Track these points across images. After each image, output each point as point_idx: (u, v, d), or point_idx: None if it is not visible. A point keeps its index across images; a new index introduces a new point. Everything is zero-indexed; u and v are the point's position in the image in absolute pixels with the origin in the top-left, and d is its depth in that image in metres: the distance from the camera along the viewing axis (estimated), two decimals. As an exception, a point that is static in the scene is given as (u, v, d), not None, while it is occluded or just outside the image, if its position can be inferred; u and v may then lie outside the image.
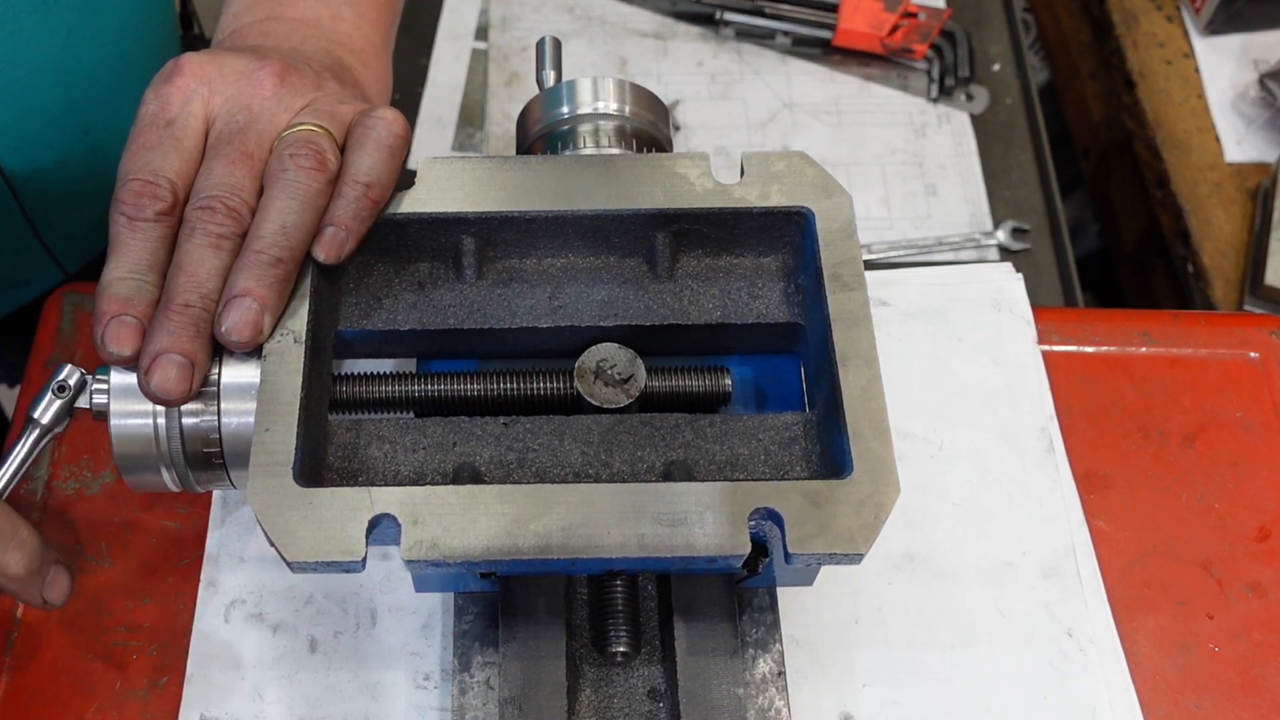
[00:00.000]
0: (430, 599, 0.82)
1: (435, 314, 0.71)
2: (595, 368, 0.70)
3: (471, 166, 0.71)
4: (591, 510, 0.61)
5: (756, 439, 0.68)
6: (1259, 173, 1.45)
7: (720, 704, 0.68)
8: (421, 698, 0.78)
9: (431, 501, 0.61)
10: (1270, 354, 0.96)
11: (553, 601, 0.71)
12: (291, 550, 0.59)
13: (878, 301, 0.94)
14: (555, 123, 0.79)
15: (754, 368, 0.76)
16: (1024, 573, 0.84)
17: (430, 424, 0.68)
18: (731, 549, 0.60)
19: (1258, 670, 0.83)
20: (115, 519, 0.86)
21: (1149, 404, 0.93)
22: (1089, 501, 0.88)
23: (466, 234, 0.71)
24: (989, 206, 1.40)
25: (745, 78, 1.48)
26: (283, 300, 0.65)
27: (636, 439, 0.67)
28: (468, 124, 1.44)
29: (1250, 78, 1.50)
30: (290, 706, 0.78)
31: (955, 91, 1.48)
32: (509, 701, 0.68)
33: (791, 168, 0.71)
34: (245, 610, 0.81)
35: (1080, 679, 0.81)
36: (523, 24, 1.52)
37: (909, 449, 0.89)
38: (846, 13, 1.47)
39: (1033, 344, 0.94)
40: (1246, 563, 0.87)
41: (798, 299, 0.72)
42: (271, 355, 0.64)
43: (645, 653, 0.73)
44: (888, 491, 0.62)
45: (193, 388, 0.64)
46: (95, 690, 0.79)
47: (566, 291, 0.72)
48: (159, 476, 0.68)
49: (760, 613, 0.76)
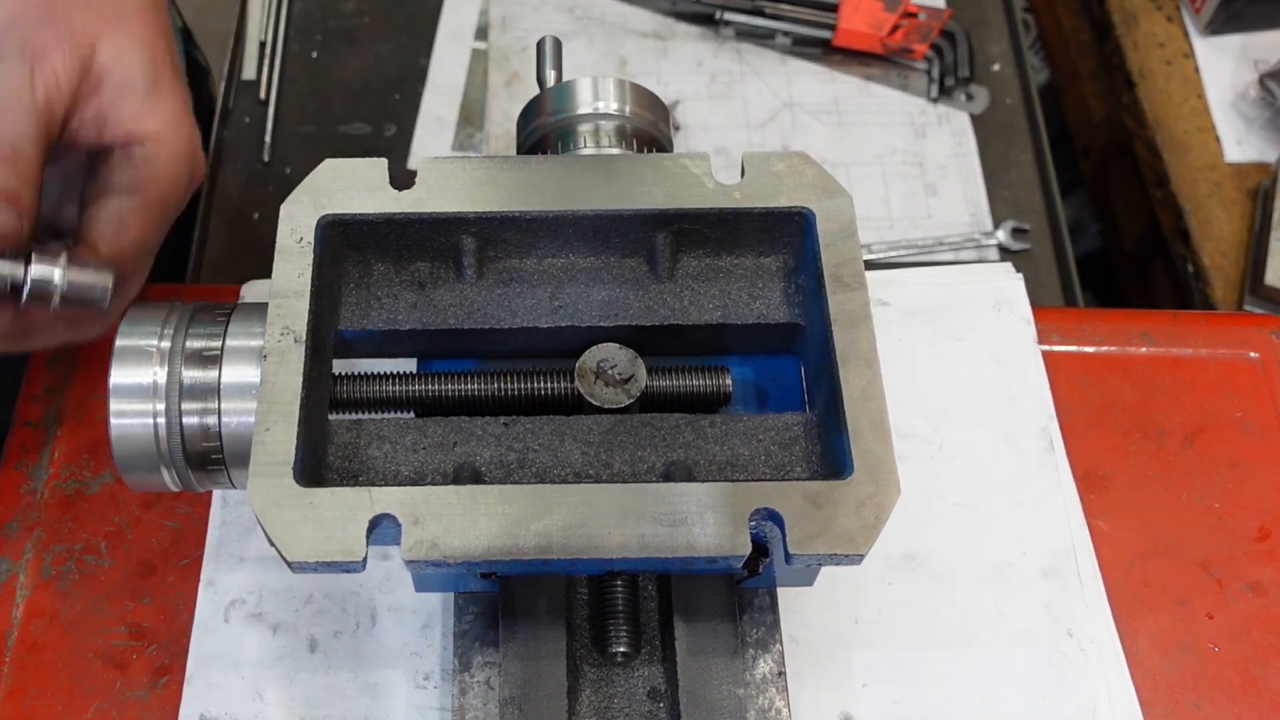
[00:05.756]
0: (430, 599, 0.82)
1: (436, 314, 0.71)
2: (596, 368, 0.70)
3: (472, 166, 0.71)
4: (592, 510, 0.61)
5: (757, 439, 0.68)
6: (1259, 173, 1.45)
7: (721, 704, 0.68)
8: (421, 698, 0.78)
9: (432, 501, 0.61)
10: (1270, 354, 0.96)
11: (553, 601, 0.71)
12: (292, 550, 0.59)
13: (878, 301, 0.94)
14: (556, 123, 0.79)
15: (754, 368, 0.76)
16: (1024, 572, 0.84)
17: (431, 424, 0.68)
18: (732, 549, 0.60)
19: (1258, 670, 0.83)
20: (115, 519, 0.86)
21: (1149, 404, 0.93)
22: (1089, 501, 0.88)
23: (467, 234, 0.71)
24: (989, 206, 1.40)
25: (745, 78, 1.48)
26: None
27: (637, 439, 0.67)
28: (468, 124, 1.44)
29: (1250, 78, 1.50)
30: (290, 706, 0.78)
31: (955, 91, 1.48)
32: (509, 701, 0.68)
33: (792, 168, 0.71)
34: (245, 610, 0.81)
35: (1080, 679, 0.81)
36: (523, 24, 1.52)
37: (909, 449, 0.89)
38: (846, 13, 1.46)
39: (1033, 344, 0.93)
40: (1246, 563, 0.87)
41: (798, 299, 0.72)
42: (272, 355, 0.64)
43: (645, 653, 0.73)
44: (888, 492, 0.62)
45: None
46: (95, 690, 0.79)
47: (567, 291, 0.72)
48: (159, 476, 0.68)
49: (760, 613, 0.76)
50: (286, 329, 0.65)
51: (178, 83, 0.73)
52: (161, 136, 0.71)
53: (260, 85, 1.45)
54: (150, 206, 0.69)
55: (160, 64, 0.72)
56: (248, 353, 0.68)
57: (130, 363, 0.67)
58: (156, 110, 0.71)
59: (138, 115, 0.70)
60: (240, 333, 0.69)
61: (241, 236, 1.36)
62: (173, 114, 0.72)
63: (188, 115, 0.73)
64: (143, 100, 0.70)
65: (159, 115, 0.71)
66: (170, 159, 0.70)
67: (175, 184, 0.71)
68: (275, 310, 0.65)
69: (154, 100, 0.71)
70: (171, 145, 0.71)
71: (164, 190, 0.70)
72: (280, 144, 1.42)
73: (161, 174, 0.70)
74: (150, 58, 0.71)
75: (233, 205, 1.38)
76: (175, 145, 0.71)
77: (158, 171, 0.70)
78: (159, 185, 0.70)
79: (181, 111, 0.72)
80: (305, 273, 0.67)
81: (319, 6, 1.52)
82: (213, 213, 1.35)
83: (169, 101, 0.72)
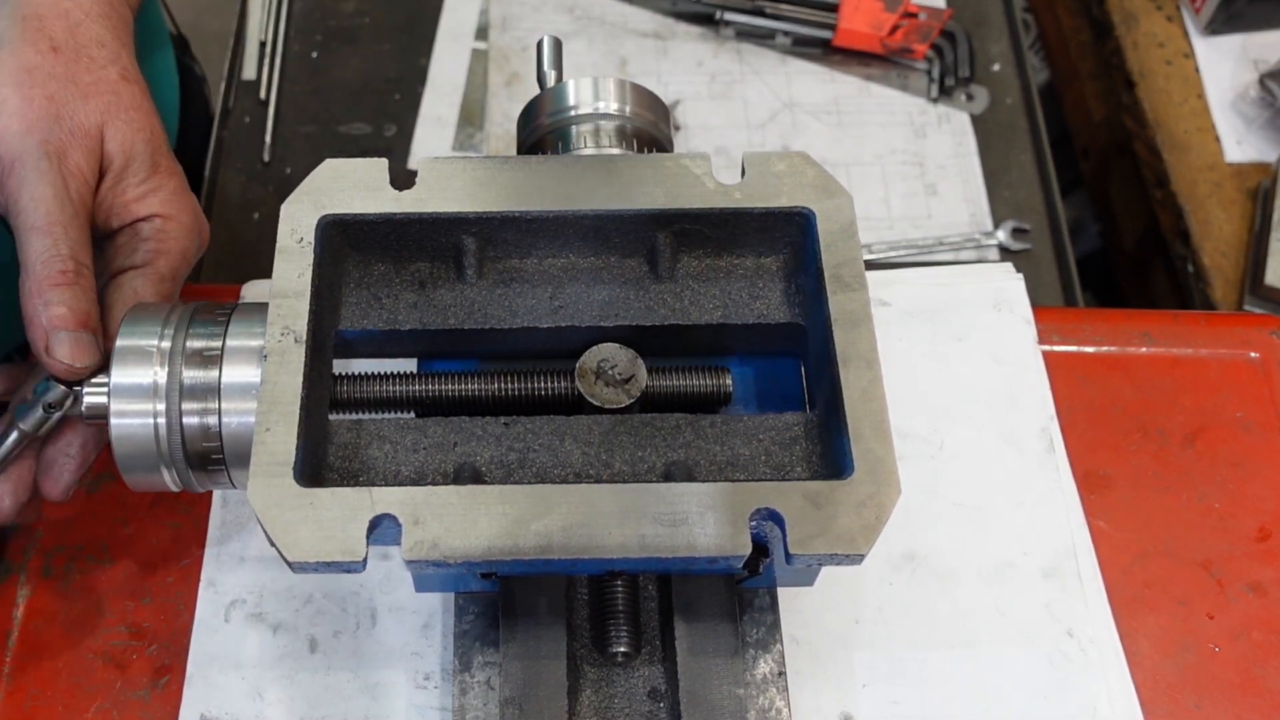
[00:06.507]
0: (430, 599, 0.82)
1: (436, 314, 0.71)
2: (596, 368, 0.70)
3: (472, 166, 0.71)
4: (592, 510, 0.61)
5: (757, 439, 0.68)
6: (1259, 173, 1.45)
7: (721, 704, 0.68)
8: (422, 698, 0.78)
9: (432, 502, 0.61)
10: (1270, 354, 0.96)
11: (553, 601, 0.71)
12: (292, 550, 0.59)
13: (878, 301, 0.94)
14: (556, 123, 0.79)
15: (755, 368, 0.76)
16: (1024, 572, 0.84)
17: (431, 424, 0.68)
18: (732, 549, 0.60)
19: (1258, 670, 0.83)
20: (115, 519, 0.86)
21: (1149, 404, 0.93)
22: (1089, 501, 0.88)
23: (467, 234, 0.71)
24: (989, 206, 1.40)
25: (745, 78, 1.48)
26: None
27: (637, 439, 0.67)
28: (468, 124, 1.44)
29: (1250, 78, 1.50)
30: (290, 706, 0.78)
31: (955, 91, 1.48)
32: (509, 701, 0.68)
33: (792, 168, 0.71)
34: (245, 610, 0.81)
35: (1080, 678, 0.81)
36: (523, 24, 1.52)
37: (909, 449, 0.89)
38: (846, 13, 1.46)
39: (1033, 344, 0.93)
40: (1246, 563, 0.87)
41: (798, 299, 0.72)
42: (272, 355, 0.64)
43: (646, 653, 0.73)
44: (889, 492, 0.62)
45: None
46: (95, 690, 0.79)
47: (567, 291, 0.72)
48: (159, 476, 0.68)
49: (761, 613, 0.76)
50: (287, 329, 0.65)
51: (174, 159, 0.77)
52: (168, 212, 0.74)
53: (260, 85, 1.45)
54: (164, 279, 0.73)
55: (158, 145, 0.76)
56: (248, 353, 0.68)
57: (131, 363, 0.67)
58: (161, 189, 0.75)
59: (143, 196, 0.74)
60: (241, 333, 0.68)
61: (241, 236, 1.36)
62: (175, 189, 0.76)
63: (188, 189, 0.77)
64: (146, 181, 0.74)
65: (164, 193, 0.75)
66: (179, 232, 0.74)
67: (185, 255, 0.75)
68: (276, 310, 0.65)
69: (157, 179, 0.75)
70: (178, 220, 0.74)
71: (175, 262, 0.74)
72: (280, 144, 1.42)
73: (172, 247, 0.74)
74: (149, 140, 0.75)
75: (233, 205, 1.38)
76: (182, 219, 0.75)
77: (168, 245, 0.73)
78: (170, 258, 0.74)
79: (182, 186, 0.77)
80: (306, 273, 0.67)
81: (319, 6, 1.52)
82: (213, 213, 1.35)
83: (171, 178, 0.76)
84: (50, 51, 0.72)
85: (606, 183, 0.71)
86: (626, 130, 0.78)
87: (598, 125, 0.78)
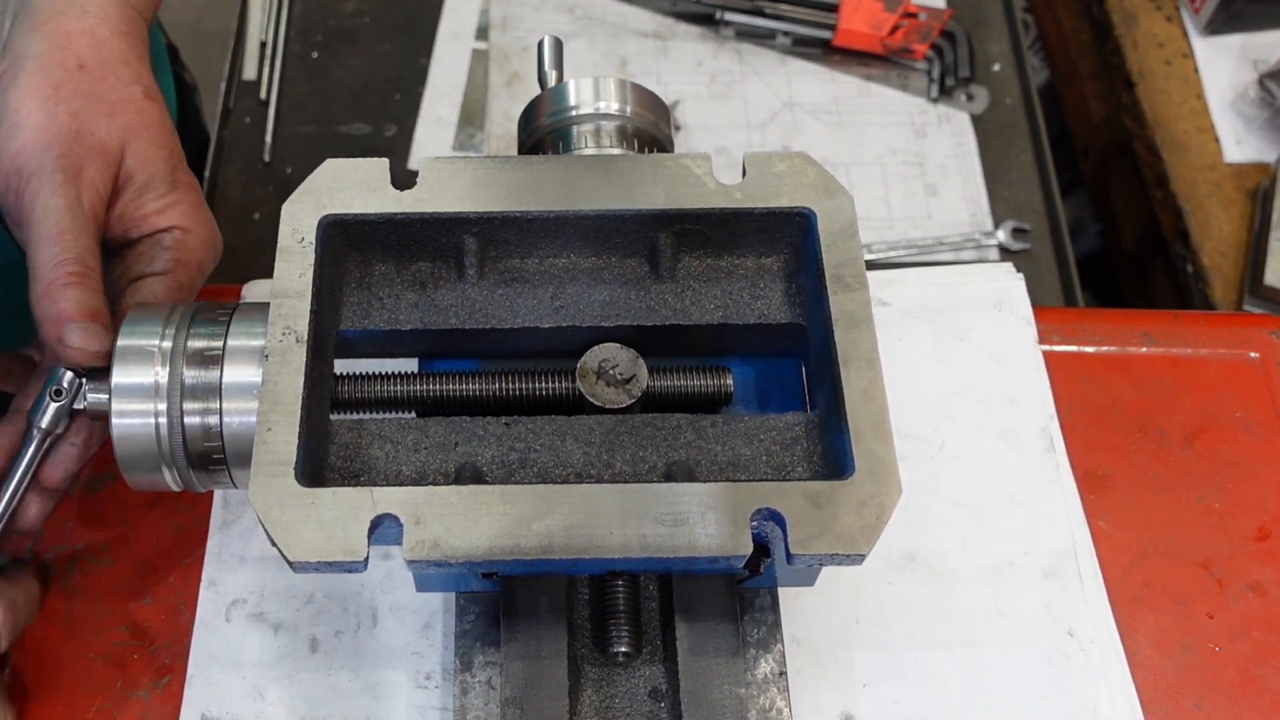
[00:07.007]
0: (431, 599, 0.82)
1: (437, 314, 0.71)
2: (597, 368, 0.70)
3: (473, 166, 0.71)
4: (593, 510, 0.61)
5: (758, 439, 0.68)
6: (1259, 173, 1.45)
7: (722, 704, 0.68)
8: (423, 697, 0.78)
9: (433, 501, 0.61)
10: (1270, 354, 0.96)
11: (554, 601, 0.71)
12: (293, 550, 0.59)
13: (878, 301, 0.94)
14: (557, 123, 0.79)
15: (755, 368, 0.76)
16: (1024, 572, 0.84)
17: (432, 424, 0.68)
18: (733, 549, 0.60)
19: (1258, 670, 0.83)
20: (115, 519, 0.86)
21: (1149, 404, 0.93)
22: (1089, 501, 0.88)
23: (468, 234, 0.71)
24: (989, 206, 1.40)
25: (745, 78, 1.49)
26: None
27: (638, 439, 0.67)
28: (468, 124, 1.44)
29: (1250, 78, 1.51)
30: (291, 706, 0.78)
31: (955, 91, 1.48)
32: (510, 701, 0.68)
33: (793, 168, 0.71)
34: (246, 610, 0.81)
35: (1080, 678, 0.81)
36: (523, 24, 1.52)
37: (910, 449, 0.89)
38: (846, 13, 1.47)
39: (1033, 344, 0.94)
40: (1246, 563, 0.87)
41: (799, 299, 0.72)
42: (273, 355, 0.64)
43: (647, 653, 0.73)
44: (889, 492, 0.62)
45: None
46: (96, 690, 0.79)
47: (568, 291, 0.72)
48: (160, 476, 0.68)
49: (761, 613, 0.76)
50: (288, 329, 0.65)
51: (191, 174, 0.80)
52: (188, 225, 0.78)
53: (261, 85, 1.45)
54: (182, 288, 0.75)
55: (177, 161, 0.79)
56: (249, 353, 0.68)
57: (132, 363, 0.67)
58: (181, 202, 0.77)
59: (164, 209, 0.77)
60: (241, 333, 0.69)
61: (242, 236, 1.36)
62: (194, 203, 0.79)
63: (204, 203, 0.81)
64: (166, 195, 0.77)
65: (183, 206, 0.78)
66: (196, 244, 0.77)
67: (201, 267, 0.78)
68: (277, 310, 0.65)
69: (177, 194, 0.77)
70: (196, 232, 0.77)
71: (192, 273, 0.77)
72: (281, 144, 1.42)
73: (190, 258, 0.77)
74: (170, 156, 0.78)
75: (233, 205, 1.38)
76: (199, 232, 0.78)
77: (186, 256, 0.76)
78: (188, 268, 0.76)
79: (200, 200, 0.80)
80: (307, 272, 0.67)
81: (319, 6, 1.52)
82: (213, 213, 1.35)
83: (191, 193, 0.79)
84: (77, 69, 0.74)
85: (607, 183, 0.71)
86: (627, 130, 0.78)
87: (598, 125, 0.78)
